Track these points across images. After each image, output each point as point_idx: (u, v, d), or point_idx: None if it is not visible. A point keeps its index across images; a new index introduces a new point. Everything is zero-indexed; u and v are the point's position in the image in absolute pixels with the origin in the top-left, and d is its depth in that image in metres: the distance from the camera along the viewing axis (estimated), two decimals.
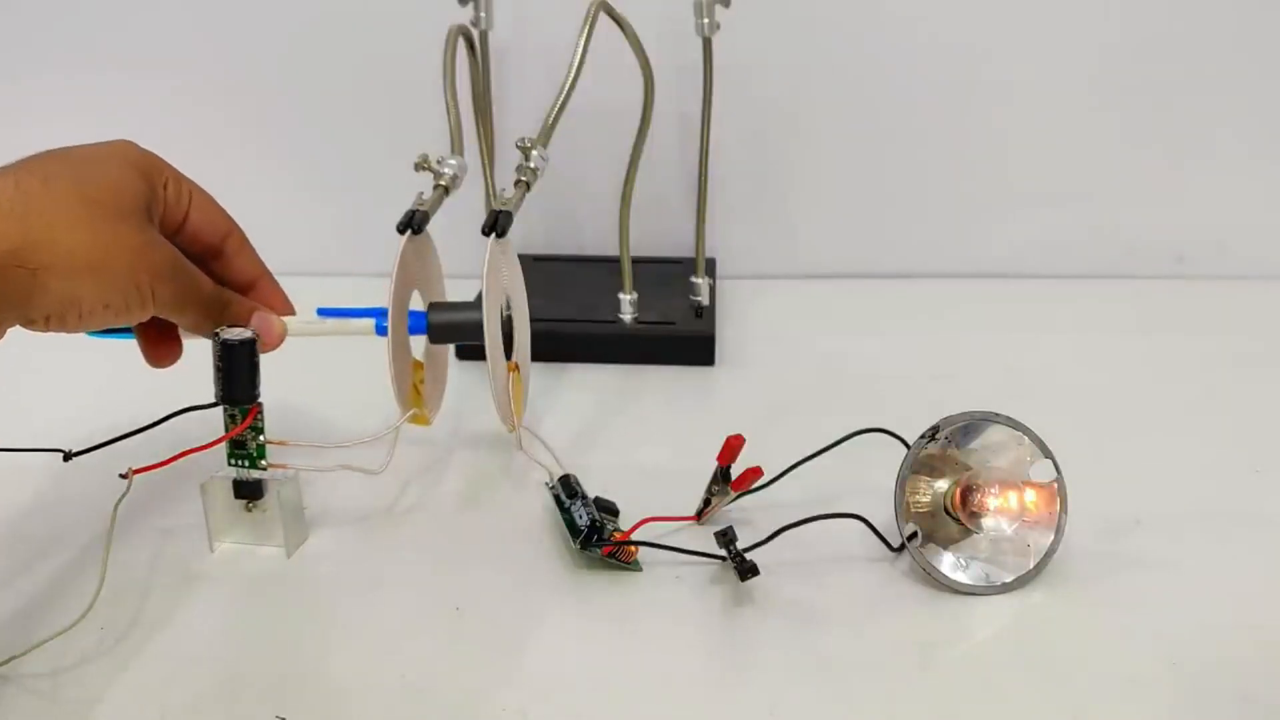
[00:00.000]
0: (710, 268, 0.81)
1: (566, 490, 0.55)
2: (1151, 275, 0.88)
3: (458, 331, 0.56)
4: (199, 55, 0.85)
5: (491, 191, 0.74)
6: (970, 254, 0.89)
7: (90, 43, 0.84)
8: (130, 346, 0.53)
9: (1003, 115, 0.86)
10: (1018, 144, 0.86)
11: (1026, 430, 0.52)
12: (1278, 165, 0.87)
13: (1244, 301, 0.84)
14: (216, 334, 0.50)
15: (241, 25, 0.84)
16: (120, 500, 0.47)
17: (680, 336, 0.74)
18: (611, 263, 0.77)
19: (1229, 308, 0.83)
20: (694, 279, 0.78)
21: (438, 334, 0.56)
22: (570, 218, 0.87)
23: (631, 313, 0.75)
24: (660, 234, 0.83)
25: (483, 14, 0.73)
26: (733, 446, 0.52)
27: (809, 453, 0.55)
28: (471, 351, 0.66)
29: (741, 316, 0.80)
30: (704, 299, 0.78)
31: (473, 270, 0.56)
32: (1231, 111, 0.85)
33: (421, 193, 0.57)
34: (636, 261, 0.75)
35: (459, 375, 0.66)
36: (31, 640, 0.45)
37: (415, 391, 0.57)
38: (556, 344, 0.71)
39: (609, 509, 0.54)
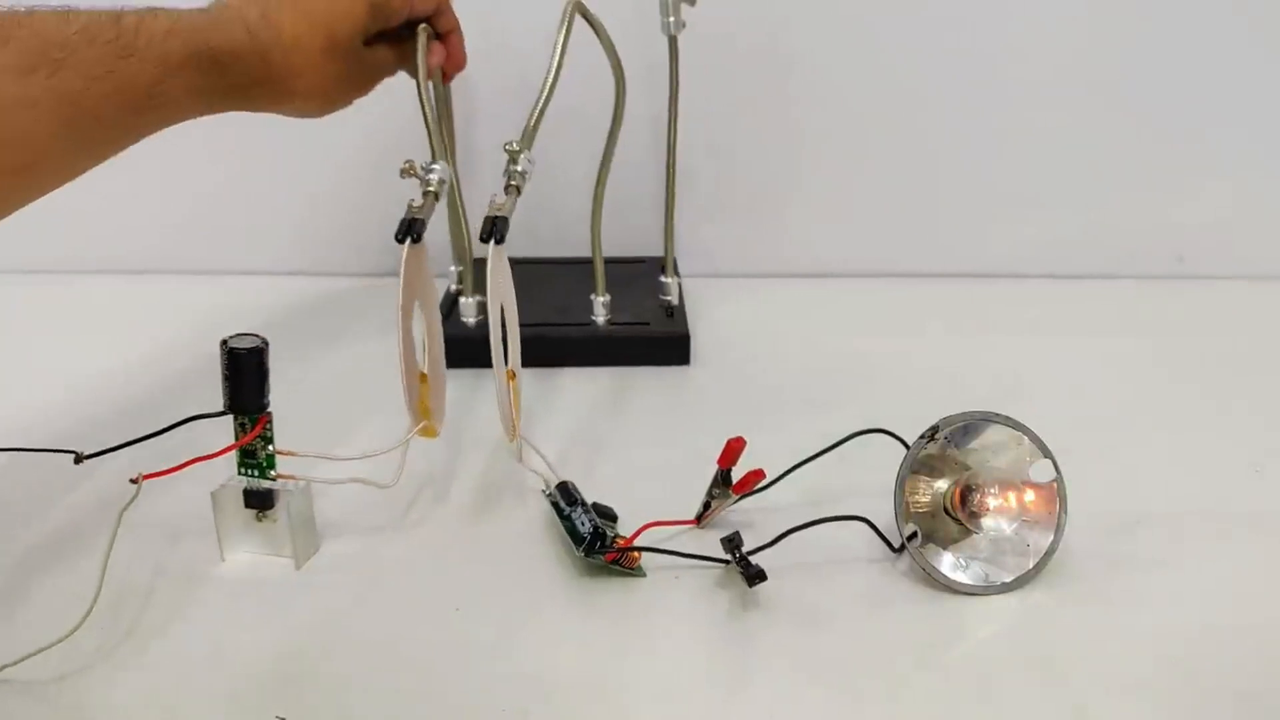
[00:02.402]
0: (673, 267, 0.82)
1: (565, 498, 0.55)
2: (1151, 275, 0.88)
3: None
4: None
5: (459, 194, 0.75)
6: (968, 254, 0.90)
7: None
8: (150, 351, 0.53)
9: (1002, 115, 0.86)
10: (1018, 143, 0.87)
11: (1026, 430, 0.52)
12: (1278, 165, 0.87)
13: (1244, 301, 0.85)
14: (224, 342, 0.51)
15: None
16: (127, 506, 0.47)
17: (656, 337, 0.75)
18: (575, 264, 0.78)
19: (1229, 308, 0.84)
20: (663, 278, 0.79)
21: None
22: (532, 220, 0.87)
23: (605, 314, 0.76)
24: (618, 234, 0.83)
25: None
26: (733, 449, 0.53)
27: (793, 451, 0.55)
28: (460, 359, 0.66)
29: (710, 315, 0.81)
30: (674, 298, 0.78)
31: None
32: (1232, 111, 0.86)
33: (412, 200, 0.57)
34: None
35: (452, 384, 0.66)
36: (36, 642, 0.46)
37: (422, 403, 0.57)
38: (531, 348, 0.71)
39: (607, 514, 0.55)
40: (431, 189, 0.57)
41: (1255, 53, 0.85)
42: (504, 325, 0.59)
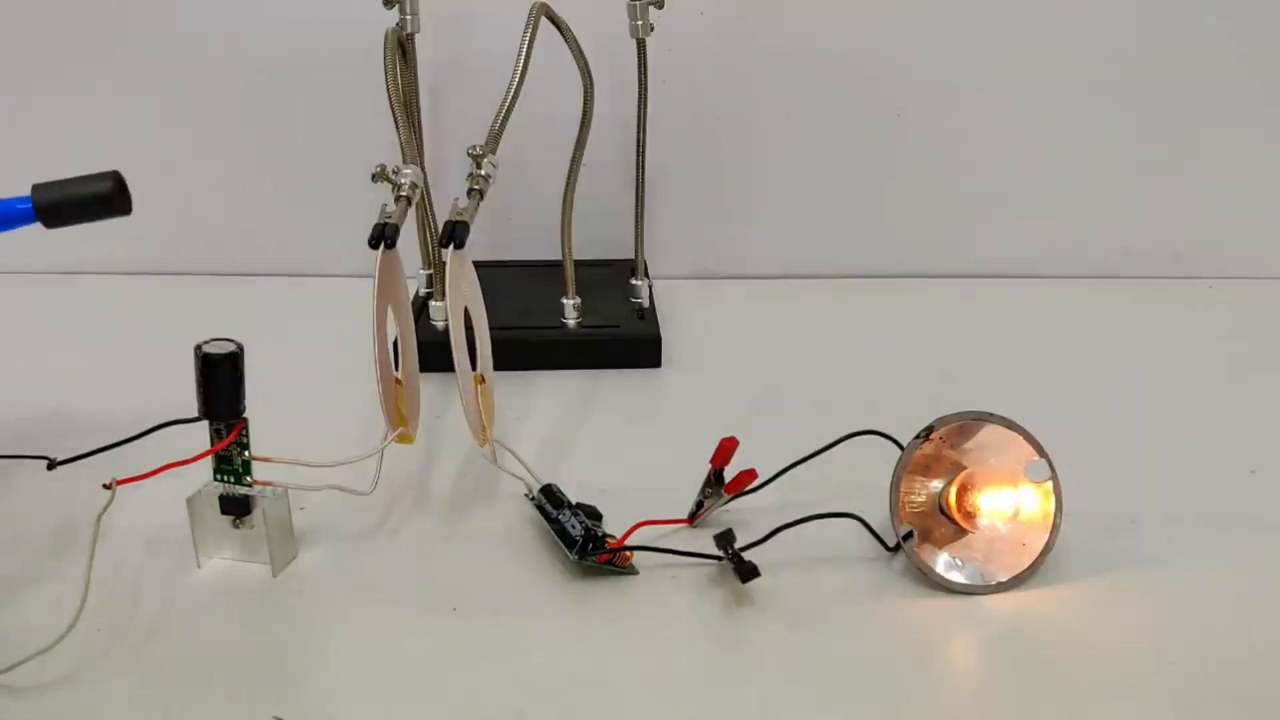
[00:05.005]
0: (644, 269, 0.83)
1: (551, 501, 0.57)
2: (1150, 275, 0.90)
3: (77, 208, 0.51)
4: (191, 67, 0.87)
5: (428, 198, 0.76)
6: (962, 254, 0.91)
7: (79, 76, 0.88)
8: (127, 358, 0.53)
9: (995, 114, 0.88)
10: (1014, 143, 0.88)
11: (1021, 430, 0.54)
12: (1277, 165, 0.89)
13: (1243, 301, 0.87)
14: (198, 347, 0.52)
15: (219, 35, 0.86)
16: (103, 511, 0.49)
17: (627, 339, 0.76)
18: (541, 266, 0.80)
19: (1228, 308, 0.86)
20: (634, 281, 0.80)
21: (51, 215, 0.51)
22: (501, 224, 0.89)
23: (575, 317, 0.77)
24: (588, 237, 0.84)
25: (408, 16, 0.73)
26: (726, 449, 0.55)
27: (772, 453, 0.57)
28: (431, 363, 0.67)
29: (681, 317, 0.83)
30: (645, 301, 0.80)
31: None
32: (1230, 111, 0.88)
33: (385, 205, 0.58)
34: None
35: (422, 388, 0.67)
36: (17, 650, 0.46)
37: (397, 409, 0.59)
38: (501, 352, 0.72)
39: (593, 514, 0.56)
40: (404, 193, 0.58)
41: (1253, 52, 0.87)
42: (471, 329, 0.60)
